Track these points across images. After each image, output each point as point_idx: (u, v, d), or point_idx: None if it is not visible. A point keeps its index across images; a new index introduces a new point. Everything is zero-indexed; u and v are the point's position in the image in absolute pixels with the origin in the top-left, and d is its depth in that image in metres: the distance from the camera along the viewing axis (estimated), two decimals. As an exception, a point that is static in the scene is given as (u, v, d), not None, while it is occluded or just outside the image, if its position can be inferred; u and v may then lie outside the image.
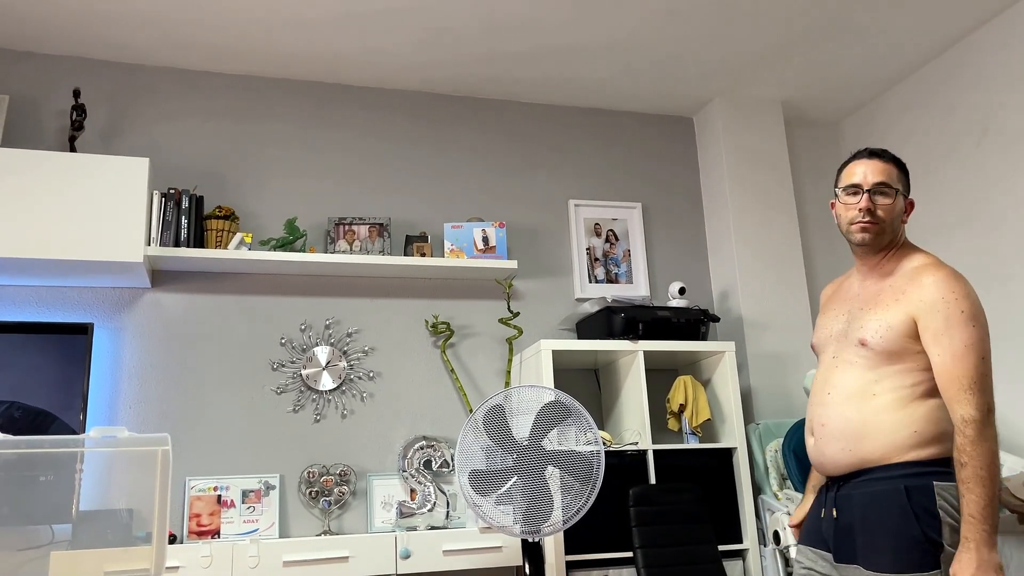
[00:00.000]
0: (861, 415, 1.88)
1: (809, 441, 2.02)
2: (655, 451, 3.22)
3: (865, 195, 1.96)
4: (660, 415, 3.59)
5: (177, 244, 3.17)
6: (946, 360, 1.81)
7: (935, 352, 1.83)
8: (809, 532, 2.04)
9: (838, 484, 1.94)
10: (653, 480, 3.18)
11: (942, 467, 1.83)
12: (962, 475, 1.74)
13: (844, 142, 4.33)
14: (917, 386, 1.86)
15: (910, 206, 2.03)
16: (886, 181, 1.96)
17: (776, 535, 3.08)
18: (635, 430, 3.30)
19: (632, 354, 3.35)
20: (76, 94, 3.19)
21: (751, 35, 3.51)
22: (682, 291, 3.60)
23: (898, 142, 3.97)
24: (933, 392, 1.86)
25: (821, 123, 4.37)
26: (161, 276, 3.29)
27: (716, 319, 3.54)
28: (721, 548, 3.05)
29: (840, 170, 2.06)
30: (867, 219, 1.95)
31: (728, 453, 3.35)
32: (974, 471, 1.72)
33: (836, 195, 2.04)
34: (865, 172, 1.98)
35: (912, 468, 1.83)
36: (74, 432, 2.90)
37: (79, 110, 3.19)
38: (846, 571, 1.87)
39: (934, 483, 1.81)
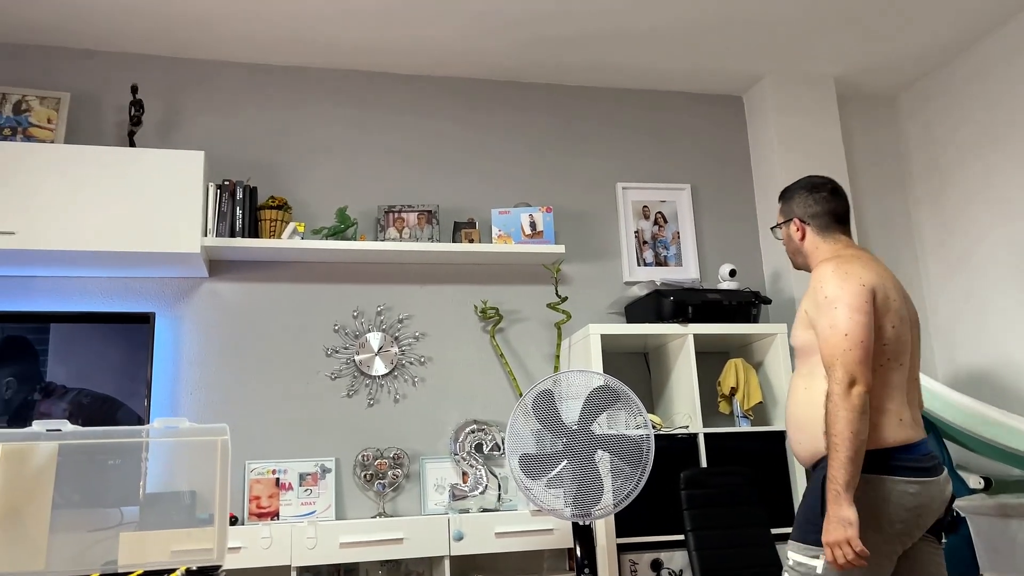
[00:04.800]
0: (798, 409, 2.05)
1: None
2: (706, 434, 3.21)
3: None
4: (711, 398, 3.57)
5: (232, 234, 3.25)
6: (820, 344, 1.98)
7: (817, 338, 1.99)
8: None
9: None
10: (704, 463, 3.17)
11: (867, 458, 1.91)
12: (827, 441, 1.89)
13: (901, 117, 4.21)
14: None
15: (798, 227, 2.20)
16: (775, 223, 2.28)
17: (830, 519, 3.05)
18: (685, 413, 3.29)
19: (682, 337, 3.34)
20: (134, 90, 3.29)
21: (802, 8, 3.43)
22: (732, 273, 3.56)
23: (958, 117, 3.84)
24: None
25: (876, 98, 4.25)
26: (218, 266, 3.38)
27: (767, 301, 3.50)
28: (773, 531, 3.03)
29: None
30: None
31: (780, 436, 3.32)
32: (831, 439, 1.87)
33: None
34: None
35: None
36: (139, 417, 3.02)
37: (137, 105, 3.28)
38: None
39: None
